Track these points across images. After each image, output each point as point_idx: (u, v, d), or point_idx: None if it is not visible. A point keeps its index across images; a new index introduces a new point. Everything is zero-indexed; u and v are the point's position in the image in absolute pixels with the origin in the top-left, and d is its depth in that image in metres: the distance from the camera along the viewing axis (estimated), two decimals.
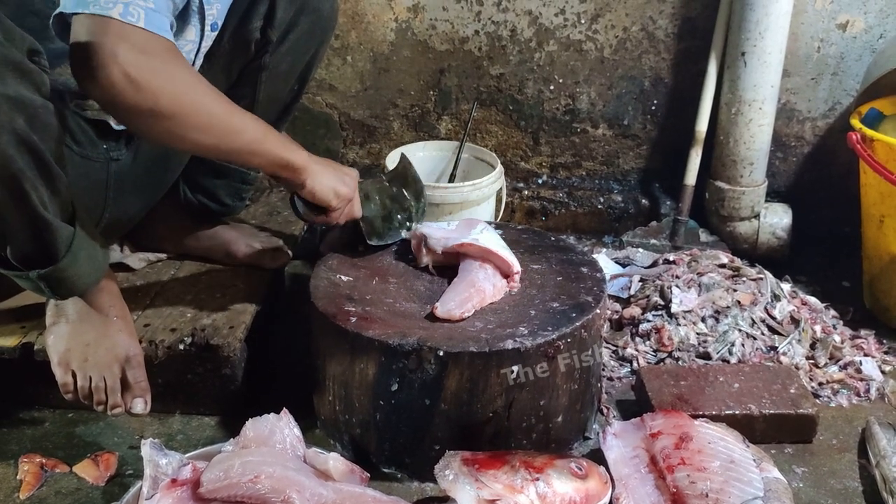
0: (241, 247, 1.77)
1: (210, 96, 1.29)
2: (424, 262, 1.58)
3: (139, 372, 1.40)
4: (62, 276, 1.30)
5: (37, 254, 1.27)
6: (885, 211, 1.85)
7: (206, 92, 1.29)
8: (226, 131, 1.31)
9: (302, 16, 1.61)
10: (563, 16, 2.22)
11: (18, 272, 1.28)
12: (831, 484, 1.44)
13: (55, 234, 1.25)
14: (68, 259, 1.28)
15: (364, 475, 1.33)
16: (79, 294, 1.36)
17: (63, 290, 1.34)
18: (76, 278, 1.32)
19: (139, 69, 1.17)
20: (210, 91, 1.29)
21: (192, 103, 1.26)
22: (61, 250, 1.27)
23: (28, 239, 1.24)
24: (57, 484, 1.40)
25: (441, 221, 1.71)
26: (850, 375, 1.71)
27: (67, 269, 1.29)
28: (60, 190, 1.25)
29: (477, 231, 1.57)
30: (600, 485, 1.30)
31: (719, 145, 2.19)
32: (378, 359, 1.36)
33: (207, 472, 1.21)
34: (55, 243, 1.26)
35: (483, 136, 2.37)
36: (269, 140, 1.37)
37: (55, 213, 1.24)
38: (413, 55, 2.30)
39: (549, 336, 1.37)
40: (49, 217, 1.23)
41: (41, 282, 1.29)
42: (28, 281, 1.30)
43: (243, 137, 1.33)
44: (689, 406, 1.51)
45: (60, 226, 1.26)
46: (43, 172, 1.20)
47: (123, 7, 1.16)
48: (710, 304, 1.81)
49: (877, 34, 2.13)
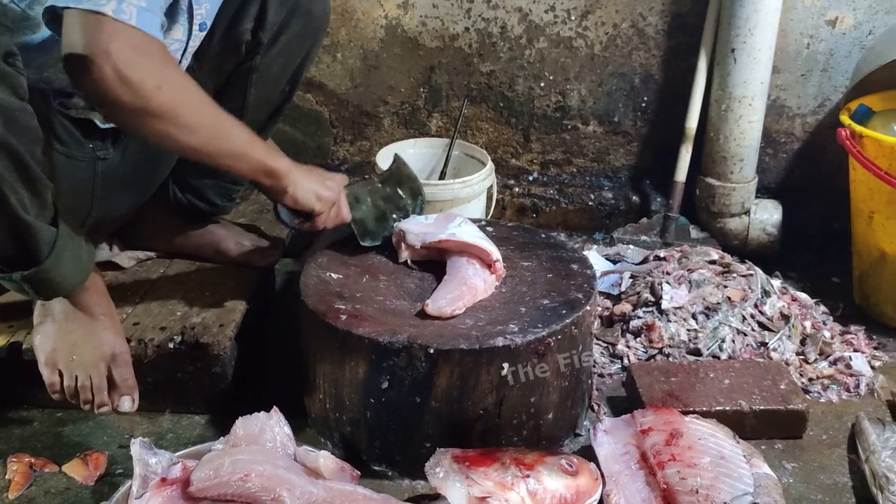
0: (231, 245, 1.77)
1: (200, 99, 1.31)
2: (403, 257, 1.59)
3: (126, 370, 1.40)
4: (46, 277, 1.29)
5: (19, 256, 1.26)
6: (875, 207, 1.85)
7: (196, 95, 1.30)
8: (213, 135, 1.33)
9: (293, 17, 1.60)
10: (553, 13, 2.22)
11: (2, 274, 1.28)
12: (821, 479, 1.45)
13: (37, 237, 1.24)
14: (51, 260, 1.27)
15: (355, 473, 1.33)
16: (63, 294, 1.35)
17: (47, 292, 1.33)
18: (60, 279, 1.31)
19: (131, 68, 1.18)
20: (200, 94, 1.31)
21: (183, 105, 1.27)
22: (44, 252, 1.26)
23: (9, 241, 1.23)
24: (46, 483, 1.40)
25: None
26: (839, 371, 1.72)
27: (51, 271, 1.28)
28: (41, 192, 1.24)
29: (454, 225, 1.57)
30: (591, 481, 1.30)
31: (709, 142, 2.20)
32: (368, 357, 1.35)
33: (197, 470, 1.21)
34: (37, 245, 1.25)
35: (473, 133, 2.37)
36: (255, 147, 1.40)
37: (36, 215, 1.24)
38: (403, 52, 2.29)
39: (540, 333, 1.37)
40: (30, 219, 1.22)
41: (25, 283, 1.28)
42: (12, 283, 1.29)
43: (230, 142, 1.35)
44: (680, 402, 1.51)
45: (42, 227, 1.25)
46: (22, 175, 1.20)
47: (116, 4, 1.16)
48: (701, 300, 1.81)
49: (866, 30, 2.14)
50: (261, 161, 1.40)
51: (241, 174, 1.43)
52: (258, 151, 1.40)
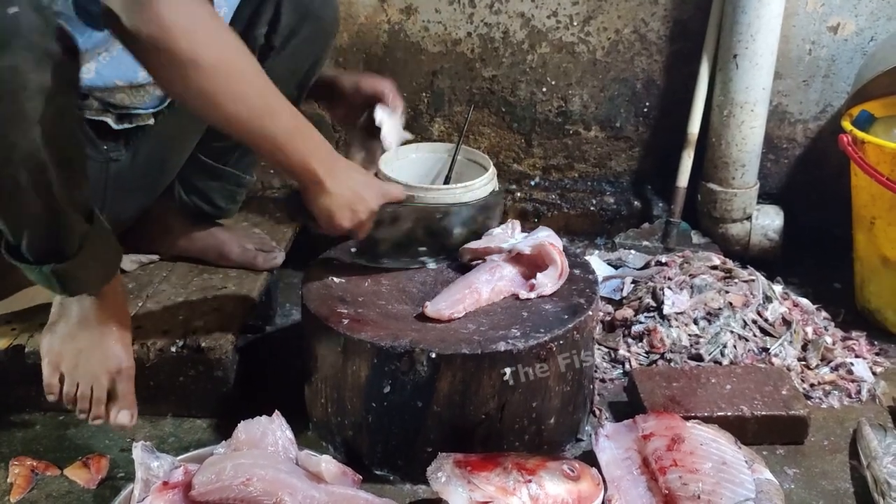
0: (234, 248, 1.77)
1: (254, 69, 1.23)
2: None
3: (127, 385, 1.37)
4: (75, 272, 1.27)
5: (52, 247, 1.25)
6: (876, 213, 1.86)
7: (250, 62, 1.22)
8: (261, 108, 1.23)
9: (304, 23, 1.61)
10: (555, 18, 2.22)
11: (31, 265, 1.27)
12: (823, 485, 1.45)
13: (72, 229, 1.23)
14: (81, 256, 1.26)
15: (356, 477, 1.33)
16: (89, 292, 1.34)
17: (73, 287, 1.31)
18: (87, 277, 1.30)
19: (187, 15, 1.13)
20: (254, 63, 1.23)
21: (235, 66, 1.20)
22: (75, 246, 1.25)
23: (45, 231, 1.22)
24: (47, 487, 1.40)
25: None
26: (841, 377, 1.71)
27: (80, 267, 1.27)
28: (81, 185, 1.23)
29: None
30: (592, 486, 1.30)
31: (711, 147, 2.20)
32: (370, 361, 1.36)
33: (199, 474, 1.21)
34: (71, 238, 1.24)
35: (476, 137, 2.37)
36: (299, 137, 1.29)
37: (74, 209, 1.23)
38: (406, 57, 2.30)
39: (542, 338, 1.37)
40: (69, 211, 1.21)
41: (53, 276, 1.27)
42: (40, 275, 1.28)
43: (276, 123, 1.25)
44: (682, 408, 1.51)
45: (78, 221, 1.24)
46: (65, 166, 1.19)
47: None
48: (703, 305, 1.81)
49: (867, 37, 2.14)
50: (302, 158, 1.29)
51: (278, 164, 1.32)
52: (302, 144, 1.29)
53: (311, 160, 1.30)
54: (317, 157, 1.31)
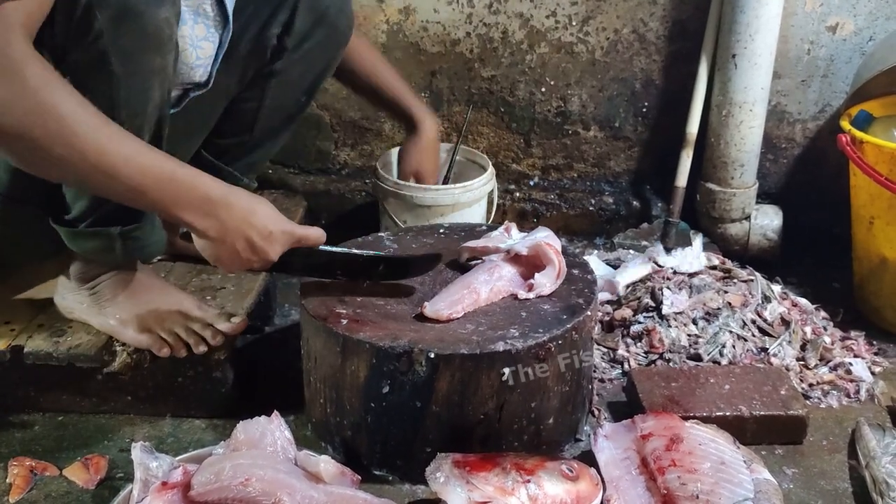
0: None
1: (80, 126, 1.09)
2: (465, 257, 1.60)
3: (204, 310, 1.52)
4: (141, 236, 1.35)
5: (123, 212, 1.31)
6: (875, 212, 1.86)
7: (75, 120, 1.08)
8: (92, 170, 1.11)
9: (318, 27, 1.62)
10: (554, 18, 2.22)
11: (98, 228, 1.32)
12: (821, 485, 1.45)
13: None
14: (147, 222, 1.34)
15: (355, 478, 1.33)
16: (149, 258, 1.42)
17: (137, 252, 1.40)
18: (150, 242, 1.39)
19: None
20: (87, 119, 1.10)
21: (46, 130, 1.07)
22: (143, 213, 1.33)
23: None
24: (46, 487, 1.40)
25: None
26: (840, 376, 1.72)
27: (146, 233, 1.35)
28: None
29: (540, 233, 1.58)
30: (591, 486, 1.30)
31: (710, 147, 2.20)
32: (369, 361, 1.36)
33: (198, 475, 1.21)
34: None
35: (475, 137, 2.37)
36: (159, 186, 1.17)
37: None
38: (404, 57, 2.30)
39: (541, 338, 1.37)
40: None
41: (120, 239, 1.34)
42: (107, 238, 1.34)
43: (116, 182, 1.13)
44: (680, 407, 1.51)
45: None
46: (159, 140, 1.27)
47: None
48: (701, 305, 1.81)
49: (866, 36, 2.14)
50: (165, 207, 1.19)
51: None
52: (161, 194, 1.17)
53: (178, 209, 1.20)
54: (185, 205, 1.20)
